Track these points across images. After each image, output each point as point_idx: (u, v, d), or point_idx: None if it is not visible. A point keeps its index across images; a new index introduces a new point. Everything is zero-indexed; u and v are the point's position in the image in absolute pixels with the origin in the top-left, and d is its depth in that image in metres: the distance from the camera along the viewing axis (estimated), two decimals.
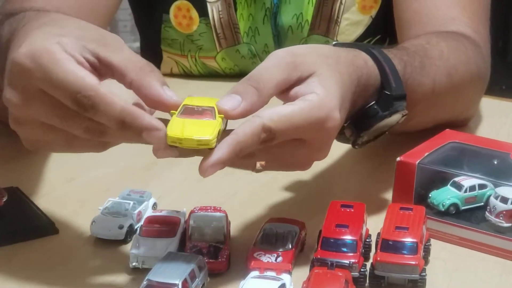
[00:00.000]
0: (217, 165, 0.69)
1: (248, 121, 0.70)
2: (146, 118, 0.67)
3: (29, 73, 0.68)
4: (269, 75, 0.73)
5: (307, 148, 0.74)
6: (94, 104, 0.66)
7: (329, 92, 0.73)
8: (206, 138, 0.67)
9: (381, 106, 0.82)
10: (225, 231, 0.77)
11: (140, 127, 0.67)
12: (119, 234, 0.79)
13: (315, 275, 0.69)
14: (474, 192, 0.81)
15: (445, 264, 0.77)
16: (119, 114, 0.67)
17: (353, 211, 0.78)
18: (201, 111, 0.70)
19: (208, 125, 0.69)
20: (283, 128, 0.71)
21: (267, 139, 0.70)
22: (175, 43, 1.25)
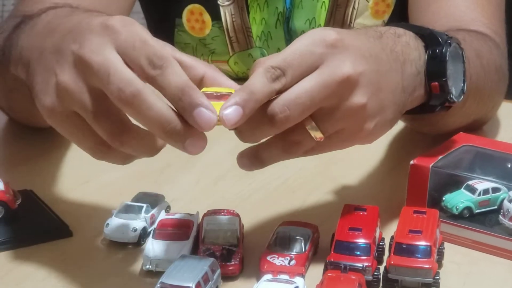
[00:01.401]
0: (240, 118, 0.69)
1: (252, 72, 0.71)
2: (204, 98, 0.67)
3: (115, 33, 0.69)
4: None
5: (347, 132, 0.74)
6: (164, 66, 0.68)
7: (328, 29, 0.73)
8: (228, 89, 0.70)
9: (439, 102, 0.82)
10: (238, 234, 0.77)
11: (195, 102, 0.67)
12: (133, 237, 0.79)
13: (328, 279, 0.69)
14: (488, 195, 0.81)
15: (458, 267, 0.77)
16: (181, 83, 0.67)
17: (367, 214, 0.78)
18: (220, 96, 0.70)
19: None
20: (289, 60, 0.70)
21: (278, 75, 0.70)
22: (188, 47, 1.25)
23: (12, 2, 2.88)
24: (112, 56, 0.69)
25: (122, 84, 0.67)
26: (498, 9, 1.09)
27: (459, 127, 0.96)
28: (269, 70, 0.70)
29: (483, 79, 0.95)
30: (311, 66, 0.71)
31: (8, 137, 1.06)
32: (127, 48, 0.69)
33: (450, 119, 0.92)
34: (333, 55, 0.72)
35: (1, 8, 2.92)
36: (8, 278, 0.75)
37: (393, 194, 0.89)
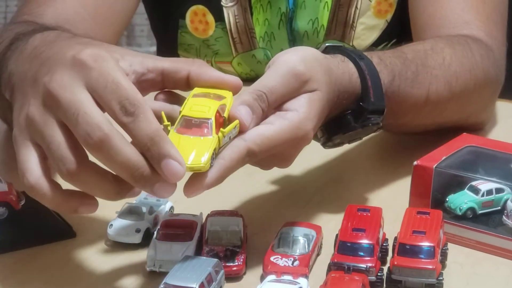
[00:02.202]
0: (202, 189, 0.70)
1: (234, 146, 0.71)
2: (173, 148, 0.67)
3: (86, 69, 0.69)
4: (277, 93, 0.75)
5: (274, 158, 0.77)
6: (136, 113, 0.67)
7: (311, 113, 0.76)
8: (198, 165, 0.68)
9: (354, 116, 0.84)
10: (241, 235, 0.77)
11: (163, 152, 0.66)
12: (136, 238, 0.79)
13: (332, 279, 0.69)
14: (491, 196, 0.81)
15: (462, 268, 0.77)
16: (152, 132, 0.67)
17: (370, 215, 0.78)
18: (199, 124, 0.69)
19: (203, 146, 0.68)
20: (265, 149, 0.73)
21: (249, 160, 0.73)
22: (192, 48, 1.25)
23: (15, 3, 2.88)
24: (82, 96, 0.68)
25: (90, 128, 0.66)
26: (494, 11, 1.09)
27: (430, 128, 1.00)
28: (249, 154, 0.72)
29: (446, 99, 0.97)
30: None
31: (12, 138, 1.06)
32: (99, 88, 0.68)
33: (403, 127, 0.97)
34: (290, 154, 0.78)
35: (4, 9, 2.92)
36: (11, 279, 0.75)
37: (396, 195, 0.89)
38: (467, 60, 1.00)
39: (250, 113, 0.73)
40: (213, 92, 0.73)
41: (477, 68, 1.00)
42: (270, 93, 0.75)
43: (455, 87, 0.97)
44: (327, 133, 0.85)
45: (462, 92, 0.98)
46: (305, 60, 0.78)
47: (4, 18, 2.91)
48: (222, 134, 0.70)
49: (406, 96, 0.91)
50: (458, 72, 0.98)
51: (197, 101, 0.72)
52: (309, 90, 0.77)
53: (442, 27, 1.07)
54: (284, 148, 0.75)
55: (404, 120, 0.94)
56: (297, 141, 0.76)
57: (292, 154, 0.78)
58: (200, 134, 0.69)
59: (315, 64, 0.79)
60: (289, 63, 0.77)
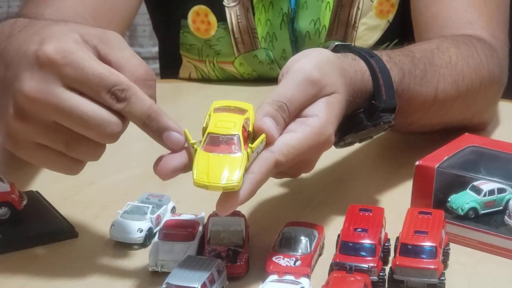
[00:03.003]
0: (236, 206, 0.71)
1: (262, 159, 0.72)
2: (170, 120, 0.71)
3: (57, 68, 0.68)
4: (296, 101, 0.75)
5: (299, 164, 0.78)
6: (127, 97, 0.69)
7: (331, 116, 0.77)
8: (232, 184, 0.68)
9: (367, 115, 0.84)
10: (243, 235, 0.77)
11: (163, 126, 0.70)
12: (138, 237, 0.79)
13: (334, 279, 0.69)
14: (493, 196, 0.81)
15: (464, 268, 0.77)
16: (147, 109, 0.70)
17: (372, 215, 0.78)
18: (226, 141, 0.69)
19: (234, 163, 0.68)
20: (291, 158, 0.74)
21: (278, 171, 0.74)
22: (194, 48, 1.25)
23: (17, 4, 2.88)
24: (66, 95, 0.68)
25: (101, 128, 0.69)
26: (497, 11, 1.09)
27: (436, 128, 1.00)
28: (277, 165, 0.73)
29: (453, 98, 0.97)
30: None
31: None
32: (80, 83, 0.68)
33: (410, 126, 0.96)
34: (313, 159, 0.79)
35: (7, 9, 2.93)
36: (14, 279, 0.75)
37: (398, 195, 0.89)
38: (473, 59, 1.00)
39: (275, 125, 0.73)
40: (234, 105, 0.73)
41: (483, 67, 1.00)
42: (290, 103, 0.75)
43: (462, 86, 0.97)
44: (339, 133, 0.84)
45: (468, 91, 0.98)
46: (319, 66, 0.78)
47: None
48: (251, 150, 0.70)
49: (416, 94, 0.91)
50: (464, 71, 0.98)
51: (221, 116, 0.71)
52: (326, 94, 0.77)
53: (445, 27, 1.07)
54: (308, 154, 0.76)
55: (412, 118, 0.94)
56: (320, 146, 0.77)
57: (315, 159, 0.79)
58: (228, 151, 0.69)
59: (330, 67, 0.79)
60: (305, 70, 0.77)
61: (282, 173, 0.79)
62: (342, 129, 0.84)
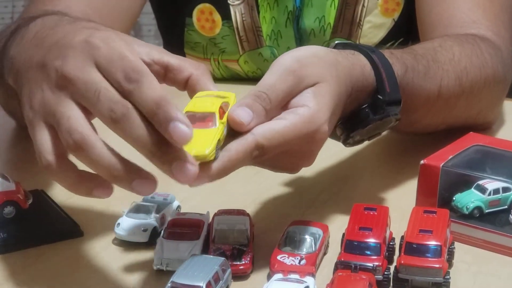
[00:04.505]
0: (206, 180, 0.70)
1: (242, 138, 0.71)
2: (179, 111, 0.68)
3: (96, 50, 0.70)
4: (277, 90, 0.75)
5: (294, 157, 0.77)
6: (140, 80, 0.68)
7: (321, 105, 0.75)
8: (203, 154, 0.68)
9: (372, 109, 0.84)
10: (248, 233, 0.78)
11: (170, 115, 0.67)
12: (143, 236, 0.79)
13: (338, 278, 0.69)
14: (498, 195, 0.81)
15: (469, 267, 0.77)
16: (158, 96, 0.67)
17: (377, 214, 0.78)
18: (203, 118, 0.70)
19: (208, 136, 0.69)
20: (275, 144, 0.73)
21: (259, 155, 0.72)
22: (198, 47, 1.25)
23: (22, 4, 2.89)
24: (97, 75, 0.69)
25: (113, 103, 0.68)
26: (502, 10, 1.09)
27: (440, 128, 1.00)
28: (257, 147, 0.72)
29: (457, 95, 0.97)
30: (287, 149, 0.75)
31: (19, 137, 1.07)
32: (106, 63, 0.69)
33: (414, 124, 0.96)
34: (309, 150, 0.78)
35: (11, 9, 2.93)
36: (19, 278, 0.75)
37: (403, 194, 0.89)
38: (476, 57, 0.99)
39: (250, 113, 0.72)
40: (217, 94, 0.73)
41: (487, 66, 1.00)
42: (270, 91, 0.74)
43: (465, 83, 0.97)
44: (346, 130, 0.84)
45: (472, 89, 0.98)
46: (299, 58, 0.77)
47: (11, 18, 2.91)
48: (222, 124, 0.70)
49: (419, 89, 0.91)
50: (468, 68, 0.98)
51: (200, 99, 0.73)
52: (309, 84, 0.76)
53: (450, 26, 1.07)
54: (299, 144, 0.75)
55: (415, 116, 0.93)
56: (311, 136, 0.75)
57: (311, 150, 0.78)
58: (203, 126, 0.69)
59: (313, 60, 0.78)
60: (283, 61, 0.77)
61: (277, 167, 0.78)
62: (348, 126, 0.84)
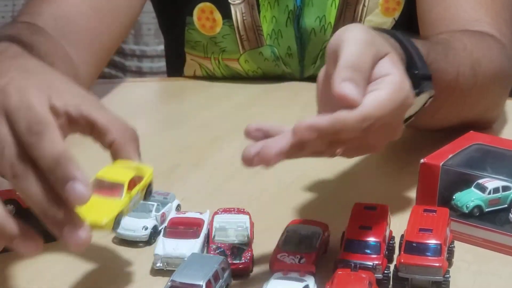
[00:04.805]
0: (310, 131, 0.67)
1: (348, 112, 0.68)
2: (78, 170, 0.64)
3: (7, 98, 0.68)
4: (365, 60, 0.72)
5: (387, 130, 0.74)
6: (42, 132, 0.65)
7: (401, 72, 0.73)
8: (99, 223, 0.66)
9: None
10: (248, 232, 0.78)
11: (68, 175, 0.64)
12: (143, 235, 0.79)
13: (338, 277, 0.69)
14: (498, 194, 0.81)
15: (469, 266, 0.77)
16: (57, 152, 0.65)
17: (377, 213, 0.78)
18: (111, 186, 0.68)
19: (110, 206, 0.67)
20: (382, 115, 0.70)
21: (367, 127, 0.69)
22: (199, 46, 1.25)
23: (22, 2, 2.89)
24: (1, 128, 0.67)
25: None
26: (503, 8, 1.09)
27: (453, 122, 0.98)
28: (368, 118, 0.69)
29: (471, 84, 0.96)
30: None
31: None
32: (13, 113, 0.67)
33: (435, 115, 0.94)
34: (398, 120, 0.74)
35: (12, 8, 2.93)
36: (18, 276, 0.75)
37: (403, 193, 0.89)
38: (487, 50, 0.99)
39: (355, 86, 0.69)
40: (134, 166, 0.71)
41: (496, 59, 1.00)
42: (362, 63, 0.71)
43: (478, 73, 0.96)
44: None
45: (484, 80, 0.98)
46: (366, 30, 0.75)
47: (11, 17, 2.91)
48: (129, 197, 0.69)
49: (441, 72, 0.89)
50: (480, 59, 0.97)
51: (114, 167, 0.71)
52: (383, 55, 0.74)
53: (452, 25, 1.07)
54: (393, 115, 0.72)
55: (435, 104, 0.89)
56: (403, 103, 0.72)
57: (398, 121, 0.75)
58: (109, 195, 0.68)
59: (374, 32, 0.76)
60: (357, 35, 0.73)
61: (365, 146, 0.75)
62: None
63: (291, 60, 1.24)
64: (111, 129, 0.71)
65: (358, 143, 0.73)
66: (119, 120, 0.72)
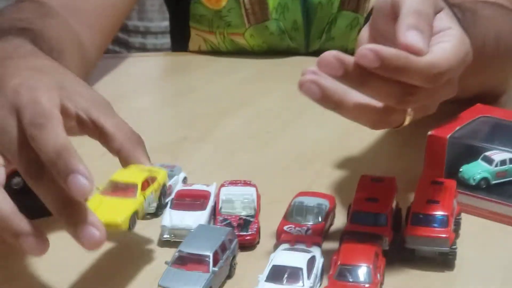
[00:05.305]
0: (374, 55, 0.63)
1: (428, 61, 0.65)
2: (81, 163, 0.64)
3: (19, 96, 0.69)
4: (426, 11, 0.69)
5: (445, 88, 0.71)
6: (44, 125, 0.65)
7: (460, 27, 0.72)
8: (115, 221, 0.66)
9: None
10: (255, 204, 0.78)
11: (70, 167, 0.63)
12: (150, 207, 0.79)
13: (345, 248, 0.69)
14: (505, 166, 0.81)
15: (475, 237, 0.77)
16: (59, 144, 0.64)
17: (384, 185, 0.78)
18: (125, 187, 0.69)
19: (125, 205, 0.68)
20: (449, 66, 0.67)
21: (436, 78, 0.66)
22: (204, 20, 1.25)
23: None
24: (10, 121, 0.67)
25: None
26: None
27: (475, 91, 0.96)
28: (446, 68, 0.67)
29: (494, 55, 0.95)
30: None
31: None
32: (20, 107, 0.67)
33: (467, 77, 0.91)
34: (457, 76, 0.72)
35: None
36: None
37: (410, 166, 0.89)
38: (505, 23, 0.98)
39: (421, 35, 0.66)
40: (148, 169, 0.72)
41: None
42: (425, 11, 0.69)
43: (500, 44, 0.95)
44: None
45: (505, 52, 0.97)
46: None
47: None
48: (143, 196, 0.70)
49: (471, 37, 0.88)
50: (502, 27, 0.96)
51: (128, 170, 0.72)
52: (440, 8, 0.72)
53: None
54: (456, 69, 0.69)
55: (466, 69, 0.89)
56: (463, 59, 0.70)
57: (456, 78, 0.71)
58: (123, 196, 0.69)
59: None
60: None
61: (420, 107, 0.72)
62: None
63: (297, 34, 1.24)
64: (117, 136, 0.72)
65: (425, 97, 0.69)
66: (125, 127, 0.73)
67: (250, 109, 1.06)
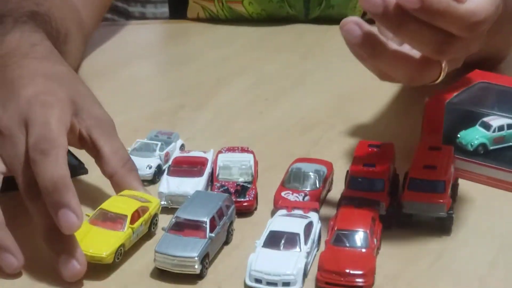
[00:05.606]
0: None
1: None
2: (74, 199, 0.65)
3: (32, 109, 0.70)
4: None
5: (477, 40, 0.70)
6: (48, 152, 0.66)
7: None
8: (100, 255, 0.66)
9: None
10: (252, 170, 0.78)
11: (62, 202, 0.65)
12: (148, 174, 0.80)
13: (342, 213, 0.69)
14: (503, 132, 0.81)
15: (473, 203, 0.77)
16: (58, 176, 0.65)
17: (381, 151, 0.78)
18: (114, 218, 0.69)
19: (112, 238, 0.67)
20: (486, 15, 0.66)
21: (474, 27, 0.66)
22: None
23: None
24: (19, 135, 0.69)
25: None
26: None
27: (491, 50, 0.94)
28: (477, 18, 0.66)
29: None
30: None
31: None
32: (31, 125, 0.68)
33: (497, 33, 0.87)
34: None
35: None
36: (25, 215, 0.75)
37: (408, 132, 0.89)
38: None
39: None
40: (141, 196, 0.72)
41: None
42: None
43: None
44: None
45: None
46: None
47: None
48: (131, 229, 0.69)
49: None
50: None
51: (120, 198, 0.72)
52: None
53: None
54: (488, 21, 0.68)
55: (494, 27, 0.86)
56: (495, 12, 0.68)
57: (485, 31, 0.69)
58: (111, 227, 0.68)
59: None
60: None
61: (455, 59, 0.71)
62: None
63: (296, 1, 1.23)
64: (112, 161, 0.74)
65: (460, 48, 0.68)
66: (122, 152, 0.75)
67: (248, 77, 1.05)
